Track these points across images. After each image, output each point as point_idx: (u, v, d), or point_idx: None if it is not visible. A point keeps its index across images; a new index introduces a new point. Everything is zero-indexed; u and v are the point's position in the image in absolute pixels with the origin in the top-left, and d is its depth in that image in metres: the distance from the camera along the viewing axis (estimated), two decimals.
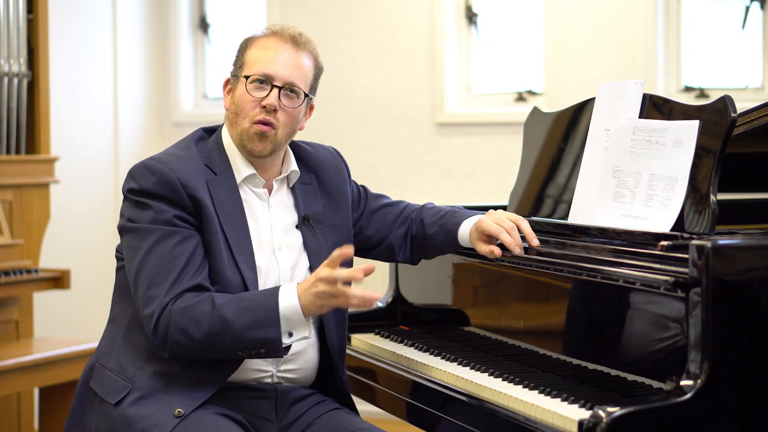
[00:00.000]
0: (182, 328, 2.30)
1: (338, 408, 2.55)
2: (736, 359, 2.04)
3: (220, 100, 5.79)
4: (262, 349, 2.32)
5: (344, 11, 5.37)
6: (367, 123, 5.31)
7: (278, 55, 2.47)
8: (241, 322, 2.30)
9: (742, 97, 4.31)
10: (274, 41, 2.50)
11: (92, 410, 2.42)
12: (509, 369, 2.47)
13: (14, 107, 4.43)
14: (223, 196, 2.44)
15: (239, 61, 2.52)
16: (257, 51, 2.49)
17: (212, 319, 2.30)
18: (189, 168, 2.42)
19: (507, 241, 2.47)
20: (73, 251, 5.27)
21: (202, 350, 2.32)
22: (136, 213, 2.40)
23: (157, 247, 2.36)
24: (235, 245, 2.42)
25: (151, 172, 2.40)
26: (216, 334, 2.30)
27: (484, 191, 5.03)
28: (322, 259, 2.50)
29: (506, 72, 5.17)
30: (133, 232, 2.40)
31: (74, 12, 5.35)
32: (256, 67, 2.47)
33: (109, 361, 2.43)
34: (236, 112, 2.48)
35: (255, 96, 2.46)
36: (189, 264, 2.36)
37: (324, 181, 2.62)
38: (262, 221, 2.50)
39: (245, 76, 2.47)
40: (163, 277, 2.34)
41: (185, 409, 2.33)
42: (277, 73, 2.46)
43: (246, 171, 2.49)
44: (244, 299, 2.34)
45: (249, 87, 2.46)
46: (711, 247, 2.03)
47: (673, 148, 2.42)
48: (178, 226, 2.38)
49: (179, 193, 2.38)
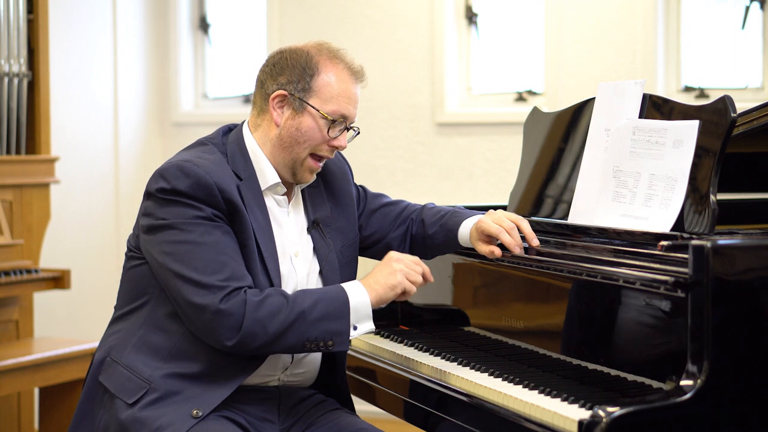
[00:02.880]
0: (259, 318, 2.30)
1: (338, 408, 2.56)
2: (736, 359, 2.04)
3: (220, 101, 5.82)
4: (330, 341, 2.35)
5: (344, 11, 5.37)
6: (367, 123, 5.31)
7: (353, 95, 2.46)
8: (316, 313, 2.33)
9: (742, 97, 4.32)
10: (347, 75, 2.46)
11: (102, 405, 2.40)
12: (509, 369, 2.47)
13: (14, 107, 4.44)
14: (252, 202, 2.42)
15: (304, 83, 2.44)
16: (333, 84, 2.44)
17: (289, 310, 2.31)
18: (222, 172, 2.39)
19: (507, 241, 2.47)
20: (73, 251, 5.27)
21: (272, 342, 2.32)
22: (169, 211, 2.35)
23: (204, 239, 2.33)
24: (265, 251, 2.42)
25: (186, 174, 2.35)
26: (291, 324, 2.31)
27: (484, 191, 5.03)
28: (332, 263, 2.51)
29: (506, 72, 5.16)
30: (171, 228, 2.35)
31: (74, 12, 5.35)
32: (333, 106, 2.43)
33: (123, 357, 2.40)
34: (297, 139, 2.44)
35: (327, 135, 2.44)
36: (241, 259, 2.36)
37: (330, 183, 2.62)
38: (284, 227, 2.50)
39: (323, 116, 2.43)
40: (219, 266, 2.32)
41: (203, 411, 2.32)
42: (352, 115, 2.47)
43: (273, 179, 2.47)
44: (314, 293, 2.38)
45: (321, 123, 2.43)
46: (711, 247, 2.03)
47: (673, 148, 2.42)
48: (217, 221, 2.36)
49: (216, 197, 2.35)
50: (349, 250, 2.60)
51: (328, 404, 2.56)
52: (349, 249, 2.60)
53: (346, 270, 2.58)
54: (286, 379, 2.52)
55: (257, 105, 2.51)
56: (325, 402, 2.56)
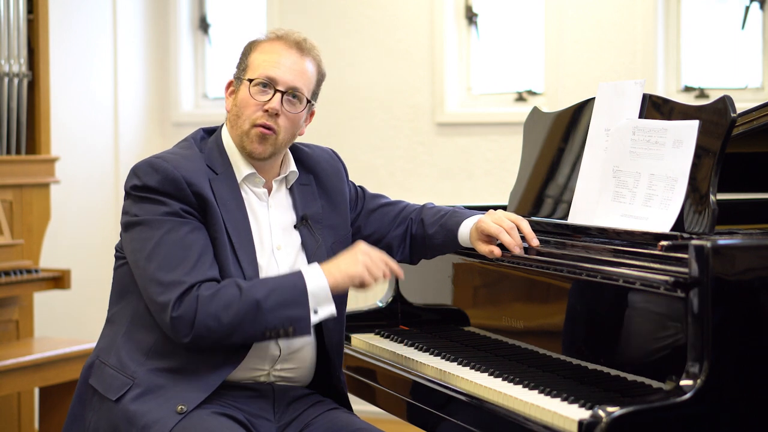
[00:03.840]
0: (211, 312, 2.30)
1: (336, 408, 2.56)
2: (736, 359, 2.04)
3: (220, 100, 5.82)
4: (290, 327, 2.35)
5: (344, 11, 5.37)
6: (367, 123, 5.31)
7: (282, 60, 2.49)
8: (271, 302, 2.32)
9: (742, 97, 4.32)
10: (278, 45, 2.51)
11: (92, 407, 2.42)
12: (509, 369, 2.48)
13: (14, 107, 4.44)
14: (226, 195, 2.45)
15: (243, 64, 2.53)
16: (261, 55, 2.50)
17: (242, 300, 2.31)
18: (192, 166, 2.43)
19: (507, 241, 2.47)
20: (73, 251, 5.27)
21: (228, 334, 2.32)
22: (142, 208, 2.40)
23: (169, 236, 2.36)
24: (237, 243, 2.43)
25: (155, 170, 2.40)
26: (245, 314, 2.31)
27: (484, 191, 5.03)
28: (320, 258, 2.51)
29: (506, 72, 5.16)
30: (141, 225, 2.39)
31: (74, 12, 5.35)
32: (259, 71, 2.48)
33: (110, 358, 2.42)
34: (238, 114, 2.49)
35: (258, 99, 2.47)
36: (204, 254, 2.37)
37: (322, 181, 2.63)
38: (261, 221, 2.51)
39: (249, 80, 2.48)
40: (178, 263, 2.34)
41: (187, 406, 2.33)
42: (280, 77, 2.47)
43: (246, 170, 2.50)
44: (269, 281, 2.37)
45: (252, 90, 2.47)
46: (711, 247, 2.03)
47: (673, 148, 2.42)
48: (186, 217, 2.38)
49: (185, 191, 2.39)
50: (341, 247, 2.59)
51: (326, 404, 2.56)
52: (341, 245, 2.60)
53: None
54: (277, 374, 2.51)
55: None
56: (322, 401, 2.56)
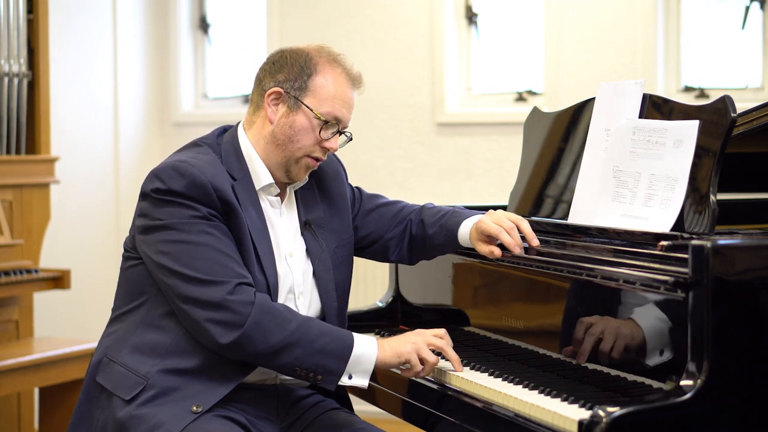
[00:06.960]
0: (264, 325, 2.29)
1: (338, 408, 2.56)
2: (736, 359, 2.04)
3: (220, 100, 5.82)
4: (320, 375, 2.33)
5: (344, 11, 5.37)
6: (367, 123, 5.31)
7: (348, 100, 2.47)
8: (318, 344, 2.31)
9: (742, 97, 4.31)
10: (344, 79, 2.47)
11: (100, 405, 2.39)
12: (509, 369, 2.47)
13: (14, 107, 4.44)
14: (247, 202, 2.43)
15: (301, 83, 2.45)
16: (329, 86, 2.45)
17: (294, 329, 2.31)
18: (216, 171, 2.40)
19: (507, 241, 2.47)
20: (73, 251, 5.27)
21: (267, 354, 2.31)
22: (164, 212, 2.36)
23: (202, 238, 2.33)
24: (260, 250, 2.42)
25: (180, 174, 2.36)
26: (291, 344, 2.30)
27: (484, 191, 5.03)
28: (324, 263, 2.51)
29: (506, 72, 5.17)
30: (167, 229, 2.35)
31: (74, 12, 5.35)
32: (328, 108, 2.44)
33: (119, 356, 2.39)
34: (290, 138, 2.45)
35: (321, 136, 2.45)
36: (238, 257, 2.36)
37: (323, 185, 2.62)
38: (277, 227, 2.50)
39: (317, 116, 2.43)
40: (218, 265, 2.32)
41: (203, 406, 2.31)
42: (345, 119, 2.47)
43: (266, 179, 2.47)
44: (323, 325, 2.37)
45: (314, 123, 2.44)
46: (711, 247, 2.03)
47: (673, 148, 2.42)
48: (213, 221, 2.36)
49: (211, 196, 2.36)
50: (344, 251, 2.60)
51: (327, 404, 2.56)
52: (344, 249, 2.60)
53: (341, 270, 2.58)
54: (285, 378, 2.51)
55: (254, 102, 2.52)
56: (324, 402, 2.56)
